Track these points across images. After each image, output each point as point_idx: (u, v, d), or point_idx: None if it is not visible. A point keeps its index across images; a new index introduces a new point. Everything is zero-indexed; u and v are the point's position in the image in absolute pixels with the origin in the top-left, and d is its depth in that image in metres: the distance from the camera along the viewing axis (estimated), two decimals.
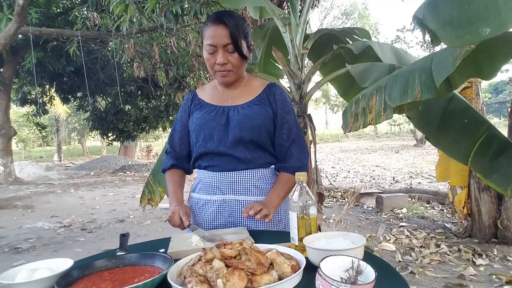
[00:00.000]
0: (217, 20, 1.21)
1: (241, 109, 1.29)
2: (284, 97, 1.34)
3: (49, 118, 20.71)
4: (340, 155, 16.26)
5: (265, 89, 1.34)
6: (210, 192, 1.32)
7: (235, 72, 1.27)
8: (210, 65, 1.27)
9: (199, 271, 0.76)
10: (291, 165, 1.30)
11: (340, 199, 6.21)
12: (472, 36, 1.18)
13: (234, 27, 1.20)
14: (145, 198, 2.70)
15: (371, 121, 1.69)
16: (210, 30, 1.22)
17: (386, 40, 29.67)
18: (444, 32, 1.26)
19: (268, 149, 1.31)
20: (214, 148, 1.28)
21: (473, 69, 1.62)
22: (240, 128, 1.26)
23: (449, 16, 1.26)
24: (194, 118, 1.34)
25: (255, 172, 1.30)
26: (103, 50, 8.83)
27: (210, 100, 1.35)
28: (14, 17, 6.08)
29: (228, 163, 1.28)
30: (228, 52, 1.23)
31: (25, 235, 4.58)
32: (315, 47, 2.82)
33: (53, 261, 0.91)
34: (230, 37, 1.20)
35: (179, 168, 1.41)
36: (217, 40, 1.21)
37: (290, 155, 1.31)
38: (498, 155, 1.77)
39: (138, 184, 9.53)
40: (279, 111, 1.30)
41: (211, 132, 1.28)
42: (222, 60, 1.22)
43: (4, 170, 9.75)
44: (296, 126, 1.34)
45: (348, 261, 0.70)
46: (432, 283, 2.72)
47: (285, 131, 1.31)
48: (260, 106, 1.29)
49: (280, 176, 1.32)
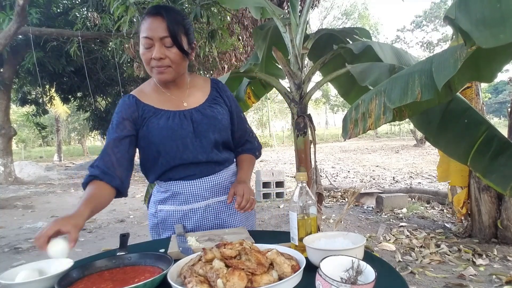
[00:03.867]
0: (154, 13, 1.13)
1: (204, 110, 1.23)
2: (230, 92, 1.38)
3: (49, 118, 20.71)
4: (340, 155, 16.26)
5: (212, 86, 1.32)
6: (191, 201, 1.24)
7: (174, 68, 1.16)
8: (146, 61, 1.15)
9: (199, 271, 0.76)
10: (254, 147, 1.40)
11: (340, 199, 6.21)
12: (507, 35, 1.14)
13: (172, 20, 1.12)
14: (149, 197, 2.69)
15: (370, 126, 1.68)
16: (146, 22, 1.13)
17: (386, 40, 29.71)
18: (478, 32, 1.21)
19: (231, 146, 1.35)
20: (192, 158, 1.20)
21: (473, 72, 1.61)
22: (212, 132, 1.22)
23: (481, 15, 1.22)
24: (153, 129, 1.17)
25: (229, 170, 1.33)
26: (103, 50, 8.83)
27: (160, 105, 1.20)
28: (14, 17, 6.09)
29: (205, 169, 1.24)
30: (165, 46, 1.12)
31: (25, 235, 4.58)
32: (315, 47, 2.82)
33: (53, 261, 0.91)
34: (168, 30, 1.11)
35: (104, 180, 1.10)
36: (153, 33, 1.11)
37: (251, 140, 1.40)
38: (497, 155, 1.77)
39: (138, 184, 9.52)
40: (233, 106, 1.34)
41: (184, 141, 1.18)
42: (159, 54, 1.11)
43: (4, 170, 9.75)
44: (245, 120, 1.41)
45: (348, 261, 0.70)
46: (432, 283, 2.71)
47: (241, 126, 1.36)
48: (219, 105, 1.29)
49: (244, 156, 1.37)
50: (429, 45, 22.69)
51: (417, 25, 23.41)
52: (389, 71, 2.07)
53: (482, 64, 1.58)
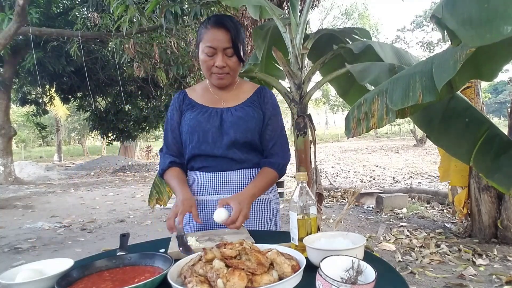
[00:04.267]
0: (219, 24, 1.23)
1: (234, 111, 1.30)
2: (273, 100, 1.38)
3: (49, 118, 20.71)
4: (340, 155, 16.26)
5: (255, 92, 1.37)
6: (204, 192, 1.33)
7: (232, 75, 1.29)
8: (207, 67, 1.27)
9: (199, 271, 0.76)
10: (275, 161, 1.33)
11: (340, 199, 6.21)
12: (493, 35, 1.15)
13: (235, 31, 1.23)
14: (153, 199, 2.69)
15: (373, 125, 1.69)
16: (210, 33, 1.23)
17: (386, 40, 29.71)
18: (464, 31, 1.22)
19: (259, 149, 1.35)
20: (209, 150, 1.29)
21: (473, 71, 1.61)
22: (234, 130, 1.27)
23: (468, 15, 1.22)
24: (186, 119, 1.32)
25: (248, 171, 1.32)
26: (103, 50, 8.83)
27: (201, 101, 1.35)
28: (14, 17, 6.09)
29: (222, 164, 1.30)
30: (226, 55, 1.25)
31: (25, 235, 4.58)
32: (315, 47, 2.81)
33: (53, 261, 0.91)
34: (231, 42, 1.22)
35: (178, 166, 1.38)
36: (217, 43, 1.22)
37: (273, 153, 1.34)
38: (499, 154, 1.77)
39: (138, 184, 9.53)
40: (268, 113, 1.34)
41: (205, 134, 1.28)
42: (222, 63, 1.24)
43: (4, 170, 9.76)
44: (281, 128, 1.38)
45: (348, 261, 0.70)
46: (432, 283, 2.72)
47: (269, 132, 1.34)
48: (252, 108, 1.32)
49: (262, 170, 1.34)
50: (429, 45, 22.67)
51: (417, 25, 23.41)
52: (389, 71, 2.07)
53: (482, 63, 1.58)
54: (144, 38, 6.70)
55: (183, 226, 1.23)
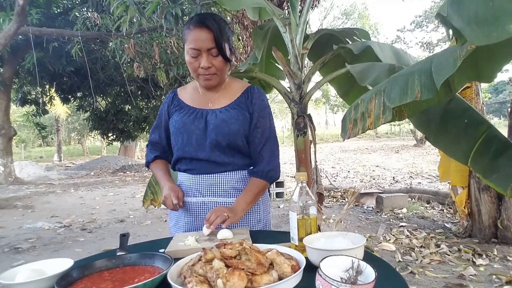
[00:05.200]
0: (200, 24, 1.19)
1: (219, 113, 1.28)
2: (262, 101, 1.33)
3: (49, 118, 20.71)
4: (340, 155, 16.26)
5: (244, 92, 1.33)
6: (189, 194, 1.32)
7: (219, 75, 1.27)
8: (193, 69, 1.25)
9: (199, 271, 0.76)
10: (260, 169, 1.30)
11: (340, 199, 6.21)
12: (499, 33, 1.14)
13: (217, 31, 1.19)
14: (148, 199, 2.70)
15: (370, 125, 1.66)
16: (193, 33, 1.20)
17: (386, 40, 29.67)
18: (470, 30, 1.21)
19: (245, 152, 1.31)
20: (193, 152, 1.28)
21: (472, 72, 1.60)
22: (216, 133, 1.25)
23: (474, 13, 1.21)
24: (174, 120, 1.32)
25: (233, 174, 1.30)
26: (103, 50, 8.82)
27: (190, 102, 1.34)
28: (14, 17, 6.09)
29: (206, 167, 1.29)
30: (212, 55, 1.22)
31: (25, 235, 4.58)
32: (315, 47, 2.81)
33: (53, 261, 0.91)
34: (215, 41, 1.19)
35: (163, 159, 1.42)
36: (200, 44, 1.19)
37: (261, 158, 1.31)
38: (498, 155, 1.77)
39: (138, 184, 9.53)
40: (255, 114, 1.30)
41: (189, 136, 1.28)
42: (207, 64, 1.21)
43: (4, 170, 9.75)
44: (270, 130, 1.33)
45: (348, 261, 0.70)
46: (432, 283, 2.72)
47: (258, 135, 1.30)
48: (238, 110, 1.28)
49: (250, 181, 1.31)
50: (428, 45, 22.65)
51: (417, 25, 23.39)
52: (389, 71, 2.06)
53: (481, 63, 1.58)
54: (144, 38, 6.70)
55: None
